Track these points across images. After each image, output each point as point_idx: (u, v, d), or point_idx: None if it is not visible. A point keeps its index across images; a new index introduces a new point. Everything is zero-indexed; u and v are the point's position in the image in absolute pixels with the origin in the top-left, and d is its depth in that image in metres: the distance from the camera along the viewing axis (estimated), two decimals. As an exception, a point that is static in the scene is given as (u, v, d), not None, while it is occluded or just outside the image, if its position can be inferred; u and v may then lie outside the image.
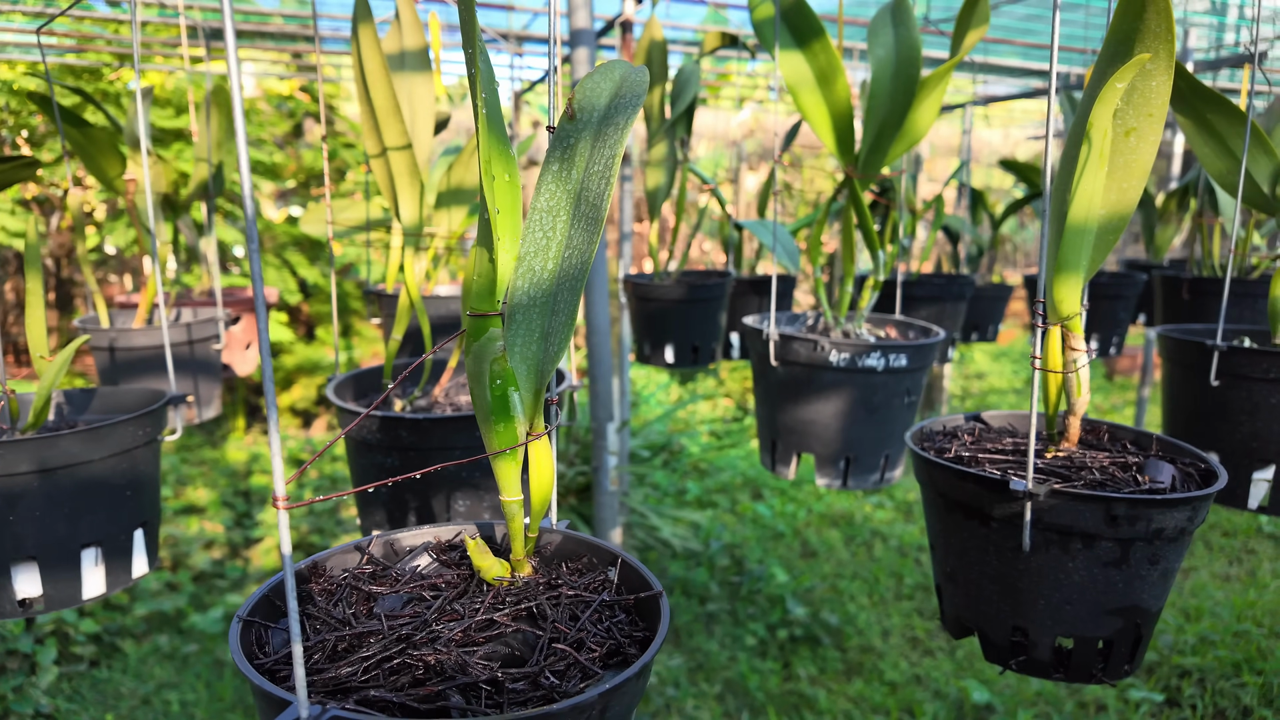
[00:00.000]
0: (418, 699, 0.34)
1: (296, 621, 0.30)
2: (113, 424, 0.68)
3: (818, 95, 0.92)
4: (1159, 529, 0.58)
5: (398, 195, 0.82)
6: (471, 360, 0.42)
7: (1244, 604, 2.43)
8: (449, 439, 0.72)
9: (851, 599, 2.60)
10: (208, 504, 2.73)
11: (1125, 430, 0.74)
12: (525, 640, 0.39)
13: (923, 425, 0.75)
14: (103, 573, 0.71)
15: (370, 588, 0.43)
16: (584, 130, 0.45)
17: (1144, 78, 0.58)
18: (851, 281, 1.04)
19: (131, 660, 2.10)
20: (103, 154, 1.22)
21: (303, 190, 3.66)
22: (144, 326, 1.06)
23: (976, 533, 0.63)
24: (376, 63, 0.76)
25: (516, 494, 0.44)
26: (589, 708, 0.34)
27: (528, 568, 0.46)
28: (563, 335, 0.44)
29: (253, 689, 0.34)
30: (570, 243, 0.44)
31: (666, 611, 0.40)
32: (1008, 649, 0.65)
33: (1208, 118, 0.97)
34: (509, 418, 0.43)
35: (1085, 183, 0.59)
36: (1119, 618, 0.61)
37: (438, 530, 0.50)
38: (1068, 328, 0.65)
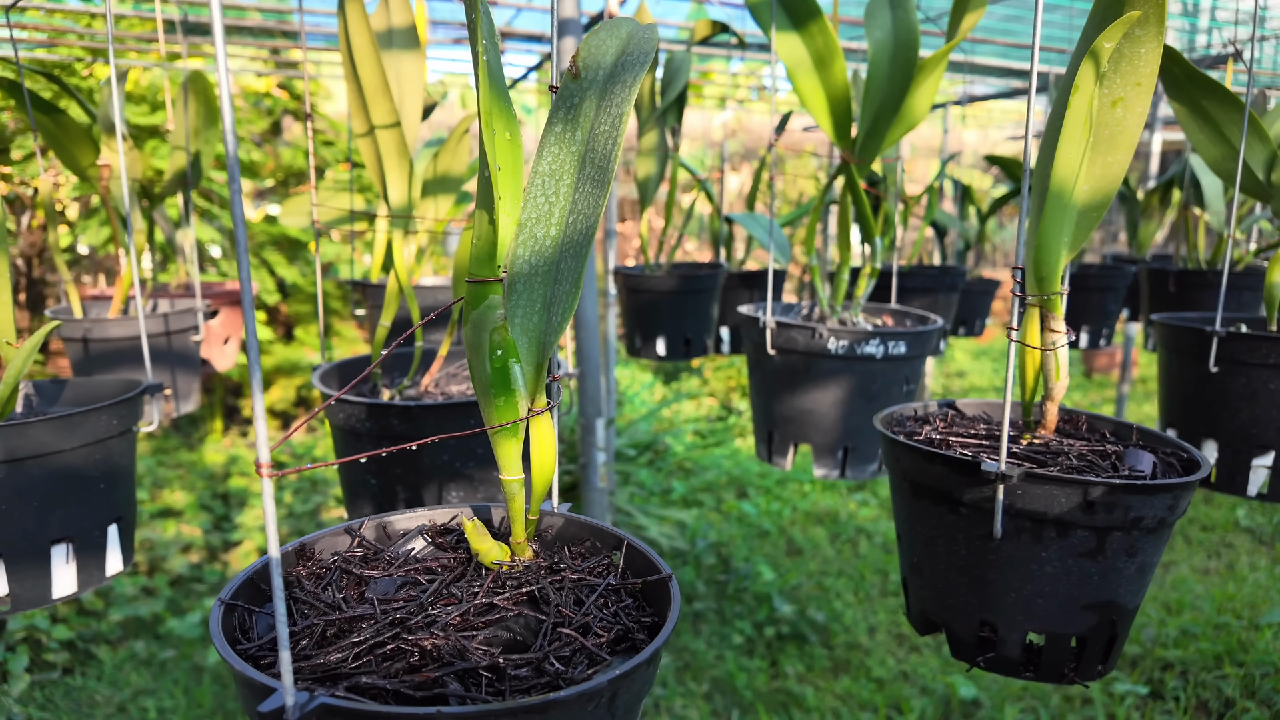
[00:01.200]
0: (413, 686, 0.32)
1: (282, 601, 0.28)
2: (85, 412, 0.65)
3: (815, 78, 0.91)
4: (1137, 518, 0.55)
5: (386, 175, 0.79)
6: (470, 329, 0.40)
7: (1223, 597, 2.45)
8: (442, 427, 0.69)
9: (837, 596, 2.60)
10: (185, 507, 2.68)
11: (1105, 420, 0.71)
12: (528, 625, 0.37)
13: (893, 410, 0.72)
14: (74, 570, 0.67)
15: (362, 571, 0.41)
16: (589, 89, 0.42)
17: (1132, 44, 0.56)
18: (847, 270, 1.02)
19: (107, 667, 2.05)
20: (75, 143, 1.18)
21: (281, 189, 3.60)
22: (119, 317, 1.03)
23: (945, 520, 0.59)
24: (364, 39, 0.74)
25: (517, 473, 0.42)
26: (598, 695, 0.31)
27: (528, 551, 0.44)
28: (566, 305, 0.41)
29: (235, 676, 0.32)
30: (575, 207, 0.42)
31: (677, 595, 0.38)
32: (975, 645, 0.61)
33: (1203, 104, 0.96)
34: (510, 391, 0.41)
35: (1069, 153, 0.57)
36: (1093, 613, 0.57)
37: (432, 513, 0.47)
38: (1047, 308, 0.63)
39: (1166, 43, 1.08)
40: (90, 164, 1.18)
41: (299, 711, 0.28)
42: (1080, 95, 0.56)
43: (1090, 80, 0.54)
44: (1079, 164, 0.57)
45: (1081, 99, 0.57)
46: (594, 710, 0.31)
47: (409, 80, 0.83)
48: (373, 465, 0.72)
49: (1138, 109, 0.59)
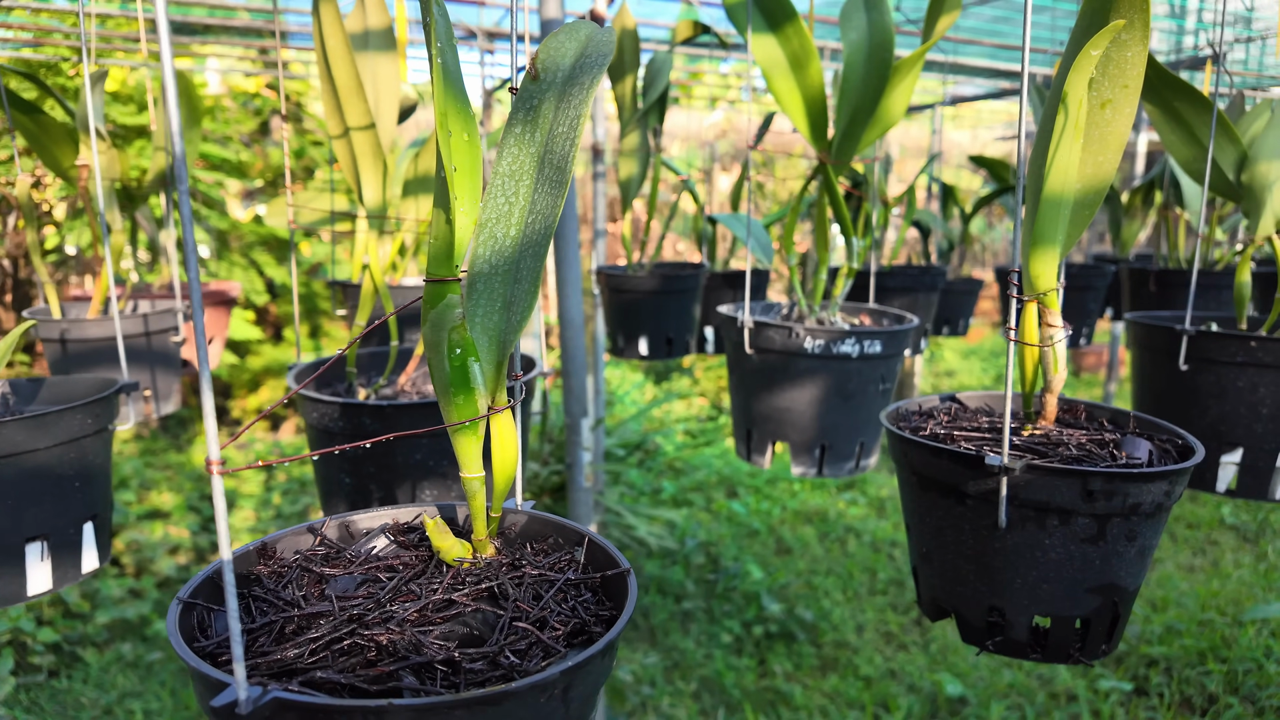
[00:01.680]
0: (367, 680, 0.32)
1: (234, 596, 0.28)
2: (60, 411, 0.65)
3: (791, 80, 0.91)
4: (1136, 504, 0.57)
5: (360, 176, 0.80)
6: (429, 328, 0.41)
7: (1208, 594, 2.47)
8: (415, 425, 0.70)
9: (826, 595, 2.61)
10: (173, 508, 2.67)
11: (1102, 409, 0.73)
12: (485, 620, 0.37)
13: (898, 405, 0.74)
14: (49, 568, 0.67)
15: (323, 569, 0.41)
16: (548, 90, 0.43)
17: (1119, 48, 0.58)
18: (825, 270, 1.03)
19: (93, 669, 2.04)
20: (56, 143, 1.18)
21: (270, 189, 3.60)
22: (98, 317, 1.02)
23: (952, 511, 0.62)
24: (338, 39, 0.74)
25: (477, 471, 0.42)
26: (550, 686, 0.32)
27: (490, 548, 0.44)
28: (526, 304, 0.42)
29: (190, 672, 0.32)
30: (534, 207, 0.42)
31: (634, 589, 0.39)
32: (984, 630, 0.64)
33: (1175, 105, 0.98)
34: (469, 389, 0.41)
35: (1061, 153, 0.58)
36: (1096, 596, 0.60)
37: (396, 512, 0.48)
38: (1044, 303, 0.64)
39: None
40: (71, 164, 1.17)
41: (251, 705, 0.28)
42: (1071, 99, 0.57)
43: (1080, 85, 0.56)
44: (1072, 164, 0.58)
45: (1074, 102, 0.58)
46: (547, 701, 0.32)
47: (385, 81, 0.84)
48: (346, 464, 0.72)
49: (1125, 110, 0.61)
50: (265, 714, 0.29)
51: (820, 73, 0.92)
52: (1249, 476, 0.90)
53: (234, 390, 3.34)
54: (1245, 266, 0.96)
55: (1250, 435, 0.89)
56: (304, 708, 0.29)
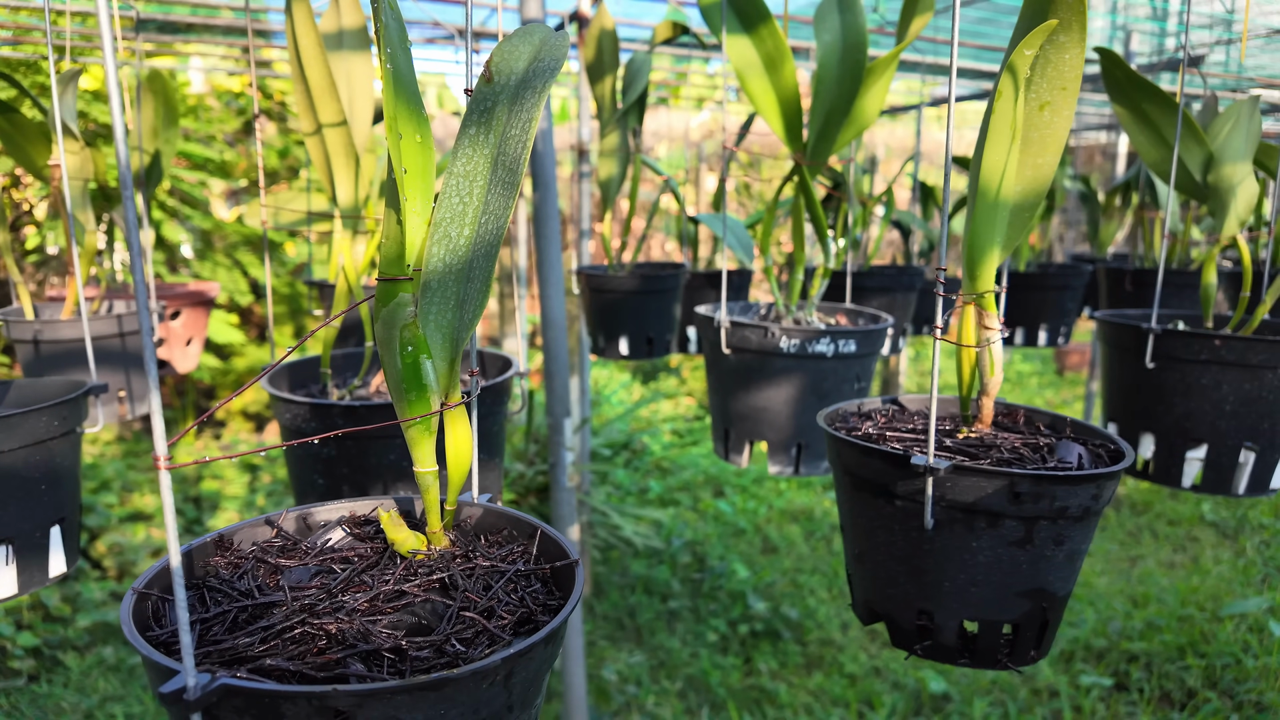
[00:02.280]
0: (315, 667, 0.33)
1: (182, 586, 0.29)
2: (25, 413, 0.65)
3: (765, 81, 0.92)
4: (1063, 507, 0.57)
5: (334, 176, 0.80)
6: (381, 326, 0.41)
7: (1187, 589, 2.50)
8: (388, 426, 0.70)
9: (811, 593, 2.62)
10: (155, 511, 2.66)
11: (1042, 414, 0.73)
12: (434, 610, 0.38)
13: (837, 407, 0.74)
14: (14, 572, 0.67)
15: (278, 561, 0.42)
16: (501, 94, 0.44)
17: (1057, 50, 0.58)
18: (802, 270, 1.04)
19: (74, 673, 2.03)
20: (31, 143, 1.18)
21: (254, 189, 3.59)
22: (71, 318, 1.03)
23: (882, 512, 0.62)
24: (311, 39, 0.75)
25: (430, 465, 0.43)
26: (492, 673, 0.33)
27: (444, 540, 0.45)
28: (478, 301, 0.43)
29: (143, 660, 0.33)
30: (487, 208, 0.43)
31: (580, 578, 0.39)
32: (914, 633, 0.64)
33: (1143, 107, 0.99)
34: (421, 386, 0.42)
35: (992, 153, 0.59)
36: (1025, 600, 0.60)
37: (353, 505, 0.48)
38: (982, 305, 0.65)
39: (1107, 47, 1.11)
40: (46, 164, 1.17)
41: (199, 692, 0.29)
42: (1003, 100, 0.58)
43: (1012, 86, 0.56)
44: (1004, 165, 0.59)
45: (1005, 103, 0.59)
46: (489, 688, 0.33)
47: (359, 81, 0.84)
48: (319, 465, 0.73)
49: (1064, 111, 0.62)
50: (212, 700, 0.30)
51: (794, 74, 0.93)
52: (1213, 472, 0.92)
53: (218, 393, 3.32)
54: (1211, 266, 0.98)
55: (1214, 432, 0.91)
56: (250, 693, 0.30)
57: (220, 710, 0.31)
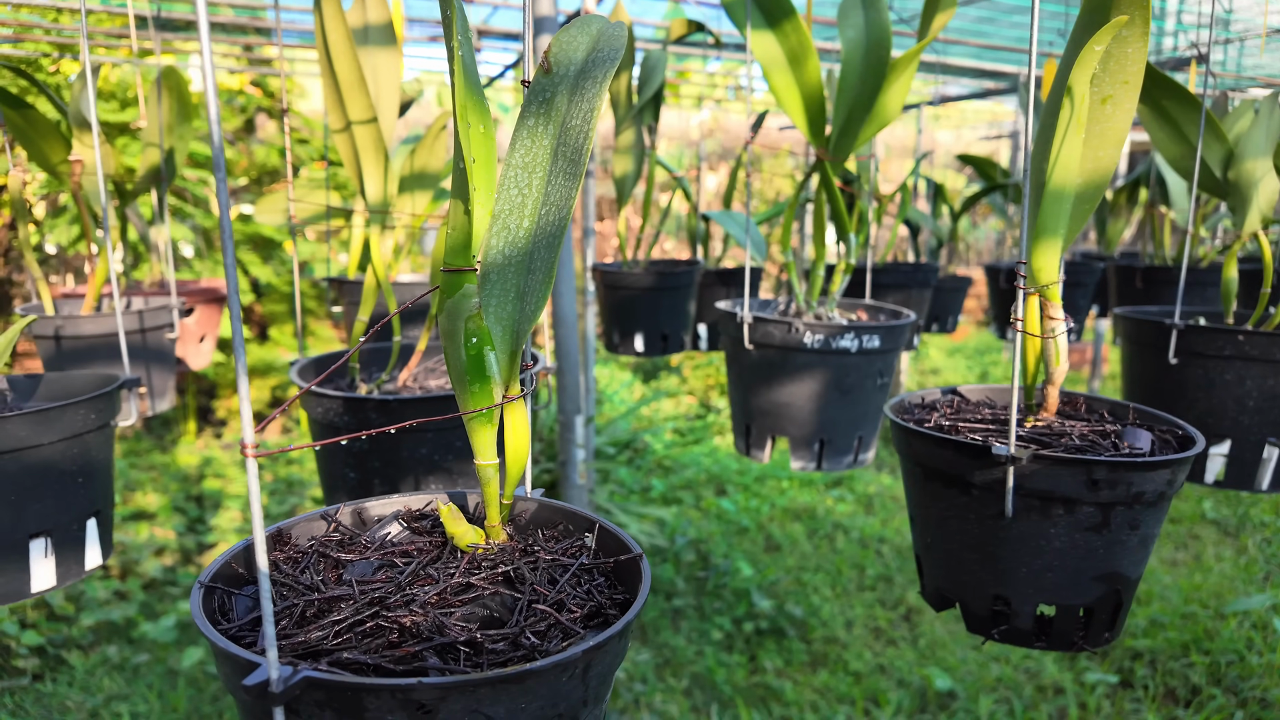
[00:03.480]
0: (393, 660, 0.33)
1: (266, 576, 0.28)
2: (63, 406, 0.64)
3: (789, 76, 0.92)
4: (1139, 493, 0.58)
5: (363, 170, 0.80)
6: (445, 318, 0.41)
7: (1190, 587, 2.51)
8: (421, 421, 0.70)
9: (815, 591, 2.62)
10: (158, 509, 2.64)
11: (1102, 401, 0.74)
12: (504, 603, 0.38)
13: (900, 399, 0.75)
14: (53, 565, 0.67)
15: (339, 555, 0.42)
16: (560, 84, 0.43)
17: (1119, 44, 0.59)
18: (823, 266, 1.04)
19: (79, 672, 2.02)
20: (45, 139, 1.17)
21: (254, 187, 3.57)
22: (93, 314, 1.02)
23: (956, 501, 0.62)
24: (341, 34, 0.74)
25: (491, 458, 0.43)
26: (572, 665, 0.32)
27: (502, 534, 0.45)
28: (539, 294, 0.42)
29: (218, 654, 0.32)
30: (548, 199, 0.43)
31: (648, 573, 0.39)
32: (989, 619, 0.65)
33: (1164, 104, 0.99)
34: (485, 378, 0.41)
35: (1065, 148, 0.59)
36: (1100, 584, 0.61)
37: (407, 499, 0.48)
38: (1045, 296, 0.65)
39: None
40: (61, 160, 1.16)
41: (283, 685, 0.29)
42: (1075, 94, 0.58)
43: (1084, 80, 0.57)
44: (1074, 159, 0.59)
45: (1077, 98, 0.59)
46: (568, 680, 0.33)
47: (385, 76, 0.84)
48: (351, 459, 0.72)
49: (1126, 105, 0.62)
50: (295, 693, 0.29)
51: (818, 69, 0.93)
52: (1236, 468, 0.92)
53: (219, 390, 3.31)
54: (1232, 262, 0.98)
55: (1237, 427, 0.91)
56: (333, 686, 0.30)
57: (300, 704, 0.31)
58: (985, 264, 1.66)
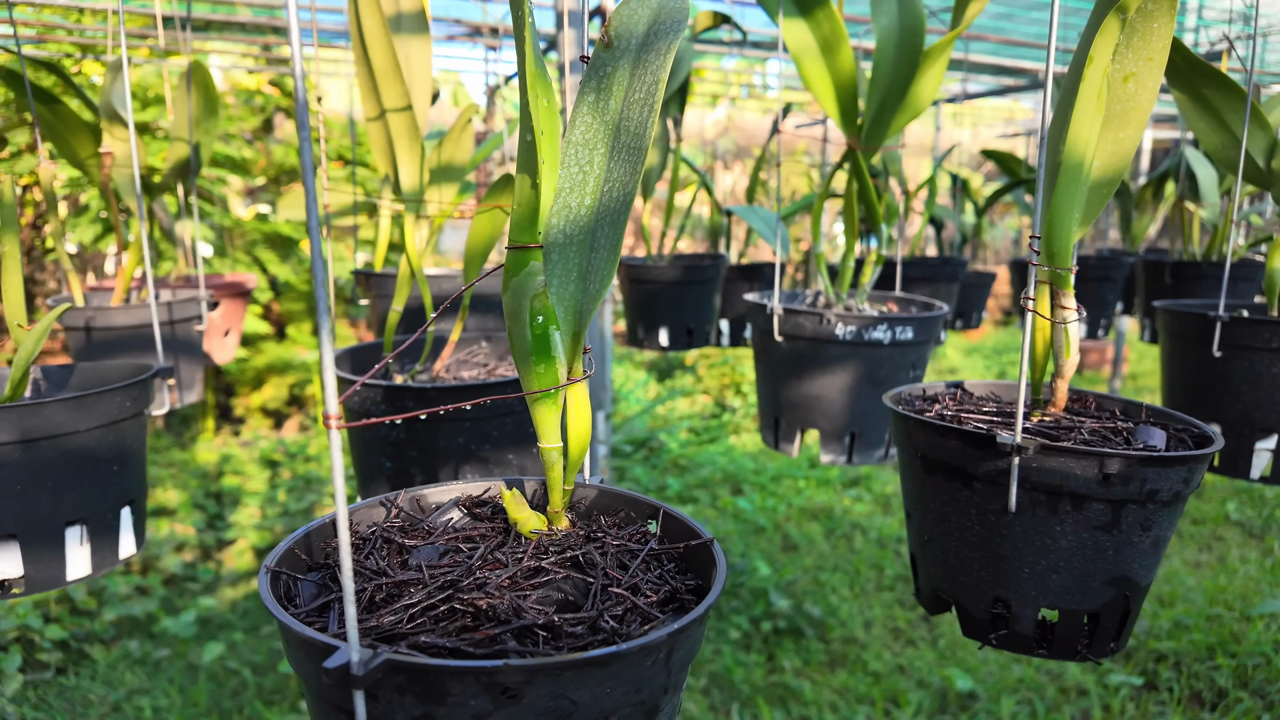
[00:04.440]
0: (472, 644, 0.32)
1: (349, 557, 0.28)
2: (100, 393, 0.64)
3: (821, 64, 0.91)
4: (1153, 490, 0.55)
5: (397, 159, 0.79)
6: (510, 296, 0.40)
7: (1215, 589, 2.48)
8: (458, 409, 0.69)
9: (833, 591, 2.61)
10: (178, 506, 2.65)
11: (1114, 399, 0.71)
12: (576, 586, 0.37)
13: (900, 390, 0.72)
14: (88, 553, 0.67)
15: (402, 540, 0.41)
16: (622, 58, 0.43)
17: (1145, 19, 0.56)
18: (853, 257, 1.03)
19: (100, 666, 2.03)
20: (73, 133, 1.17)
21: (272, 187, 3.58)
22: (122, 305, 1.01)
23: (958, 495, 0.59)
24: (376, 21, 0.74)
25: (556, 441, 0.42)
26: (656, 649, 0.31)
27: (564, 521, 0.44)
28: (604, 273, 0.42)
29: (290, 638, 0.32)
30: (610, 175, 0.42)
31: (721, 558, 0.38)
32: (987, 623, 0.61)
33: (1204, 93, 0.98)
34: (550, 358, 0.41)
35: (1081, 124, 0.57)
36: (1108, 588, 0.57)
37: (465, 486, 0.47)
38: (1058, 284, 0.63)
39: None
40: (89, 155, 1.16)
41: (364, 668, 0.28)
42: (1094, 67, 0.56)
43: (1106, 51, 0.55)
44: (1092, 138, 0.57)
45: (1095, 71, 0.57)
46: (652, 665, 0.32)
47: (418, 64, 0.83)
48: (388, 449, 0.72)
49: (1150, 84, 0.60)
50: (377, 676, 0.28)
51: (851, 58, 0.91)
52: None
53: (238, 388, 3.32)
54: (1276, 253, 0.96)
55: (1283, 421, 0.89)
56: (415, 669, 0.29)
57: (380, 689, 0.30)
58: (1011, 259, 1.64)
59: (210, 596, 2.35)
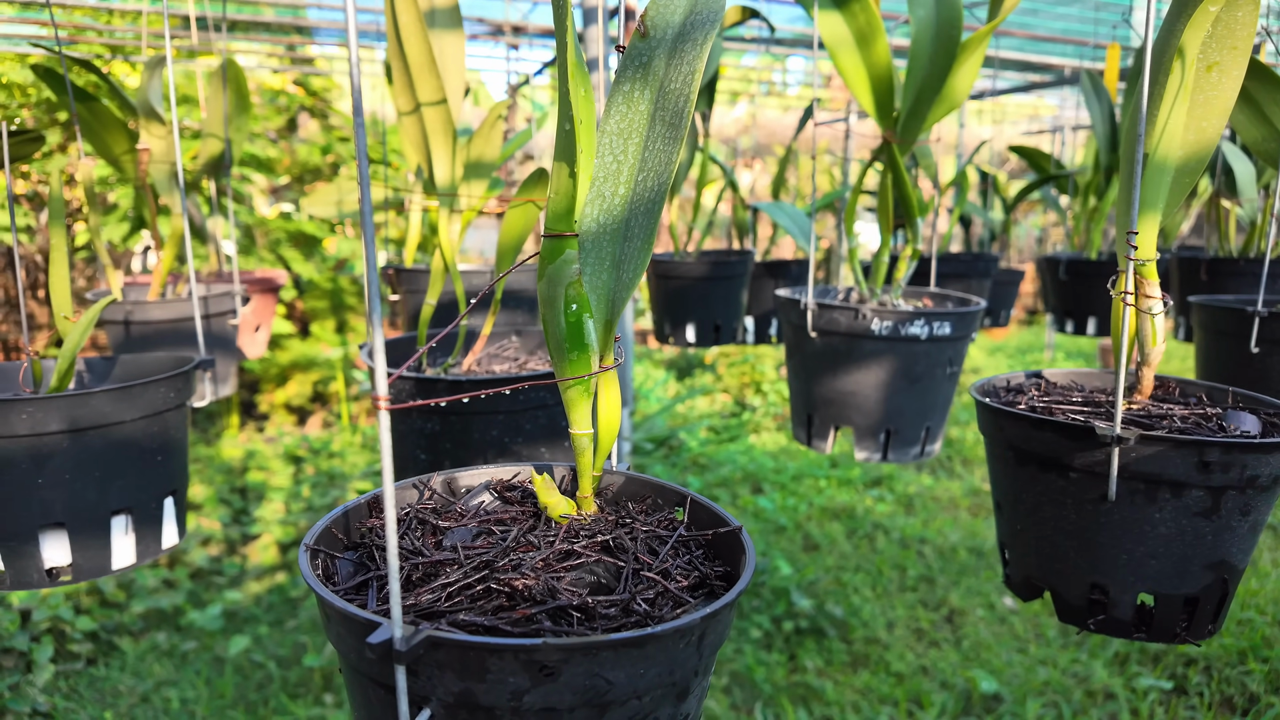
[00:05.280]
0: (509, 622, 0.32)
1: (394, 532, 0.28)
2: (145, 384, 0.65)
3: (856, 56, 0.91)
4: (1253, 476, 0.55)
5: (432, 153, 0.80)
6: (545, 284, 0.40)
7: (1246, 593, 2.43)
8: (492, 402, 0.70)
9: (855, 591, 2.59)
10: (204, 501, 2.69)
11: (1197, 385, 0.72)
12: (609, 570, 0.37)
13: (983, 382, 0.73)
14: (133, 542, 0.68)
15: (436, 521, 0.41)
16: (658, 48, 0.43)
17: (1229, 7, 0.56)
18: (887, 252, 1.02)
19: (129, 658, 2.06)
20: (109, 131, 1.19)
21: (296, 186, 3.62)
22: (159, 299, 1.03)
23: (1053, 485, 0.60)
24: (411, 15, 0.74)
25: (588, 427, 0.42)
26: (690, 632, 0.32)
27: (593, 506, 0.44)
28: (637, 262, 0.42)
29: (331, 615, 0.32)
30: (644, 165, 0.42)
31: (750, 546, 0.38)
32: (1084, 608, 0.62)
33: (1244, 85, 0.96)
34: (584, 346, 0.41)
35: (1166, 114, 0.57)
36: (1207, 573, 0.58)
37: (495, 470, 0.48)
38: (1141, 274, 0.63)
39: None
40: (124, 152, 1.19)
41: (407, 644, 0.28)
42: (1183, 58, 0.56)
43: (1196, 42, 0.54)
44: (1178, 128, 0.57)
45: (1187, 62, 0.57)
46: (685, 648, 0.32)
47: (452, 58, 0.84)
48: (423, 440, 0.72)
49: (1234, 73, 0.59)
50: (419, 652, 0.29)
51: (887, 49, 0.91)
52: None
53: (262, 385, 3.36)
54: (1315, 248, 0.94)
55: (1322, 418, 0.88)
56: (456, 646, 0.29)
57: (421, 665, 0.30)
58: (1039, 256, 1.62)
59: (236, 590, 2.38)
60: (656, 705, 0.32)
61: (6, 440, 0.60)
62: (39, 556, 0.63)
